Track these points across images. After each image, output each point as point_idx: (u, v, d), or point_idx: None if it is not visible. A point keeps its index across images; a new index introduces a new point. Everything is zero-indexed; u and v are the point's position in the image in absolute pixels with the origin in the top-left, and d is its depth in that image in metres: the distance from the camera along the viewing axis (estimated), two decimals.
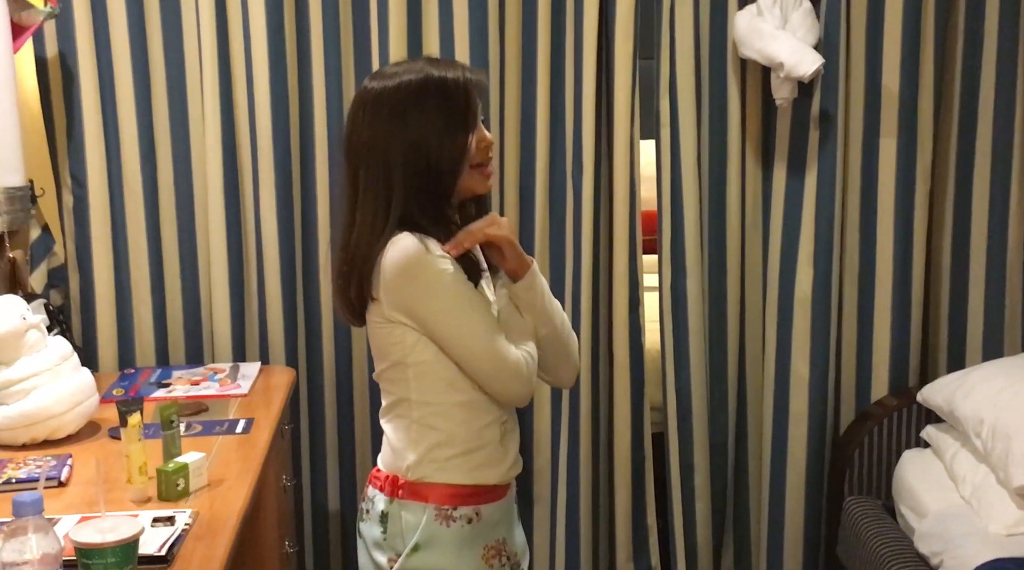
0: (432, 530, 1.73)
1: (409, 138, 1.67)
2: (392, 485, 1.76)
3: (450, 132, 1.68)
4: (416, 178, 1.68)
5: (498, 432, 1.78)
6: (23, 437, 2.18)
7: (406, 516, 1.74)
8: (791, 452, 3.00)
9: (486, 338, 1.69)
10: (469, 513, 1.75)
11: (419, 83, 1.69)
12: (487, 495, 1.77)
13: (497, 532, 1.80)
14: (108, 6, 2.76)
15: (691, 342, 2.98)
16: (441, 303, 1.68)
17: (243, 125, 2.84)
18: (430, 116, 1.67)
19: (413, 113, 1.67)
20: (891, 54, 2.87)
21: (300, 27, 2.84)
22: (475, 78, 1.73)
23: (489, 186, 1.77)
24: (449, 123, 1.68)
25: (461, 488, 1.74)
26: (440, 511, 1.73)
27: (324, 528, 3.07)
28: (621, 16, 2.82)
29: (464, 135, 1.69)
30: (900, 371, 2.99)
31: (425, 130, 1.67)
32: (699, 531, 3.07)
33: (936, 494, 2.58)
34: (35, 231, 2.74)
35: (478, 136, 1.72)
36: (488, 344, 1.69)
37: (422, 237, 1.67)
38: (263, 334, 2.92)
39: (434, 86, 1.68)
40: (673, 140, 2.92)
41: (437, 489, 1.73)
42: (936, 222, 3.01)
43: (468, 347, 1.69)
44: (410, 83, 1.69)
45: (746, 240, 3.04)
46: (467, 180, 1.73)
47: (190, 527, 1.76)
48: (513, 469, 1.82)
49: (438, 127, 1.68)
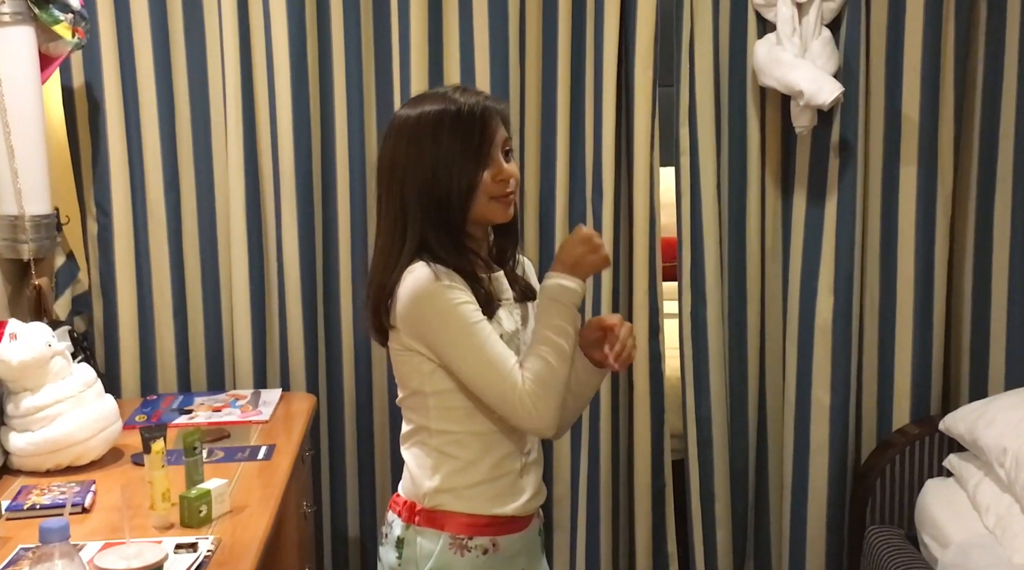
0: (446, 558, 1.72)
1: (423, 168, 1.68)
2: (409, 511, 1.76)
3: (461, 164, 1.67)
4: (430, 208, 1.68)
5: (518, 463, 1.77)
6: (47, 463, 2.19)
7: (422, 542, 1.74)
8: (812, 480, 2.98)
9: (493, 369, 1.66)
10: (485, 543, 1.74)
11: (436, 114, 1.69)
12: (505, 526, 1.75)
13: (516, 564, 1.79)
14: (134, 38, 2.79)
15: (711, 369, 2.98)
16: (450, 334, 1.67)
17: (265, 153, 2.86)
18: (442, 147, 1.67)
19: (427, 143, 1.68)
20: (911, 82, 2.87)
21: (323, 57, 2.86)
22: (495, 108, 1.72)
23: (509, 215, 1.75)
24: (461, 155, 1.68)
25: (478, 518, 1.74)
26: (455, 540, 1.73)
27: (344, 554, 3.07)
28: (641, 44, 2.84)
29: (475, 167, 1.68)
30: (922, 399, 2.97)
31: (437, 161, 1.67)
32: (720, 560, 3.05)
33: (959, 524, 2.56)
34: (60, 258, 2.77)
35: (495, 169, 1.70)
36: (495, 375, 1.66)
37: (437, 267, 1.67)
38: (284, 360, 2.93)
39: (449, 118, 1.68)
40: (693, 167, 2.93)
41: (453, 517, 1.73)
42: (957, 250, 3.00)
43: (476, 377, 1.68)
44: (428, 114, 1.69)
45: (766, 267, 3.03)
46: (484, 210, 1.71)
47: (212, 554, 1.77)
48: (534, 501, 1.81)
49: (449, 159, 1.67)
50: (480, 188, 1.69)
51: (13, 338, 2.19)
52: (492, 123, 1.70)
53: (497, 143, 1.71)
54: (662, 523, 3.05)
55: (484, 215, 1.72)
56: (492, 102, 1.73)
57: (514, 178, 1.73)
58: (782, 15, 2.76)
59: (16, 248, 2.52)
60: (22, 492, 2.07)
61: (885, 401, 3.01)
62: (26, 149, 2.50)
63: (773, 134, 2.96)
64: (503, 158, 1.72)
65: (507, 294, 1.80)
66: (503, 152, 1.72)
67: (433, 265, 1.67)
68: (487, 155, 1.69)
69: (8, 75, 2.46)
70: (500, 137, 1.72)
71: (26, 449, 2.18)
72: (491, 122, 1.70)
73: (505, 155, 1.73)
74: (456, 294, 1.66)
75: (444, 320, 1.66)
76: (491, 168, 1.70)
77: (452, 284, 1.67)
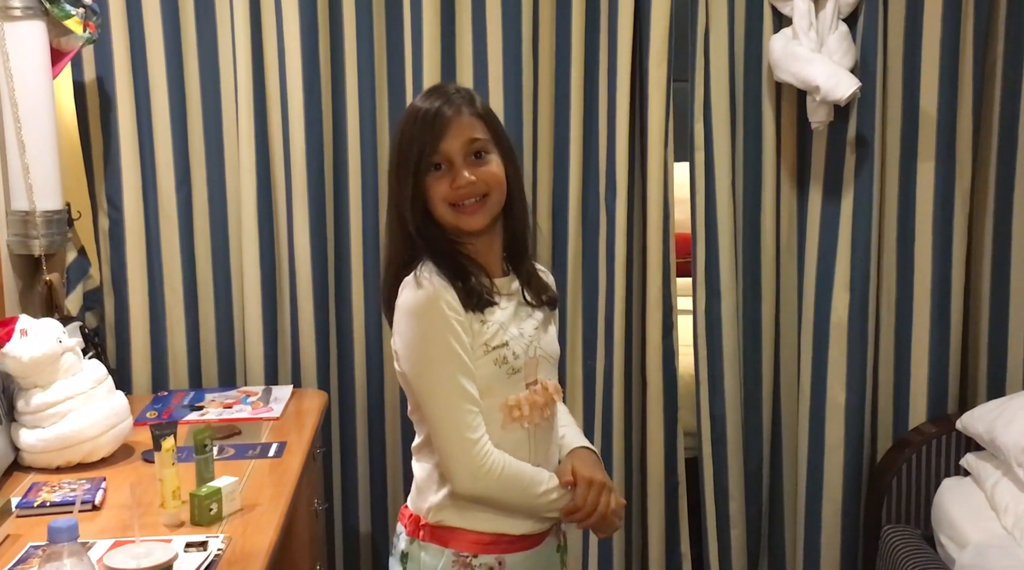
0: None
1: (390, 174, 1.68)
2: (414, 525, 1.73)
3: (404, 173, 1.64)
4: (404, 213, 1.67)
5: None
6: (58, 460, 2.18)
7: (425, 558, 1.70)
8: (827, 479, 2.96)
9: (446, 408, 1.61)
10: (491, 562, 1.69)
11: (401, 120, 1.67)
12: (514, 544, 1.70)
13: None
14: (146, 32, 2.78)
15: (725, 367, 2.96)
16: (419, 355, 1.62)
17: (277, 149, 2.85)
18: (396, 155, 1.66)
19: (393, 149, 1.67)
20: (929, 76, 2.84)
21: (335, 53, 2.85)
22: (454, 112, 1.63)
23: (475, 223, 1.66)
24: (404, 164, 1.64)
25: (482, 535, 1.69)
26: (459, 558, 1.68)
27: (355, 552, 3.06)
28: (655, 39, 2.81)
29: (412, 177, 1.62)
30: (939, 398, 2.94)
31: (394, 169, 1.66)
32: (734, 559, 3.03)
33: (977, 524, 2.53)
34: (71, 254, 2.76)
35: (451, 177, 1.63)
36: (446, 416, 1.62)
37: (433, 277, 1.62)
38: (295, 357, 2.92)
39: (405, 124, 1.65)
40: (707, 163, 2.90)
41: (457, 534, 1.69)
42: (975, 247, 2.97)
43: (431, 411, 1.63)
44: (400, 119, 1.68)
45: (781, 264, 3.01)
46: (448, 218, 1.65)
47: (223, 552, 1.76)
48: (543, 521, 1.74)
49: (398, 167, 1.65)
50: (436, 196, 1.64)
51: (24, 334, 2.18)
52: (440, 130, 1.62)
53: (450, 150, 1.63)
54: (675, 522, 3.03)
55: (450, 222, 1.66)
56: (450, 106, 1.63)
57: (477, 184, 1.63)
58: (798, 9, 2.74)
59: (27, 244, 2.52)
60: (32, 489, 2.06)
61: (901, 399, 2.98)
62: (37, 144, 2.50)
63: (789, 130, 2.94)
64: (468, 162, 1.64)
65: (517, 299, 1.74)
66: (470, 154, 1.64)
67: (432, 273, 1.62)
68: (435, 161, 1.63)
69: (19, 70, 2.46)
70: (458, 142, 1.63)
71: (36, 446, 2.17)
72: (439, 129, 1.62)
73: (476, 157, 1.65)
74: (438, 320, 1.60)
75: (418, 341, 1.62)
76: (442, 181, 1.63)
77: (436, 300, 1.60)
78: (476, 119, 1.65)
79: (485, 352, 1.65)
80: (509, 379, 1.68)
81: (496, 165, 1.66)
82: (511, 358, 1.67)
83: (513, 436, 1.70)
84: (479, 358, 1.65)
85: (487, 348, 1.65)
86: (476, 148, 1.65)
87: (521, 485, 1.66)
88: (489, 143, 1.66)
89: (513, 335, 1.69)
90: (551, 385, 1.76)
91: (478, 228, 1.66)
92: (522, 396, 1.70)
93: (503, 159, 1.68)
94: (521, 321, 1.73)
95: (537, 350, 1.73)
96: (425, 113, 1.63)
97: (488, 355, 1.66)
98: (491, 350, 1.66)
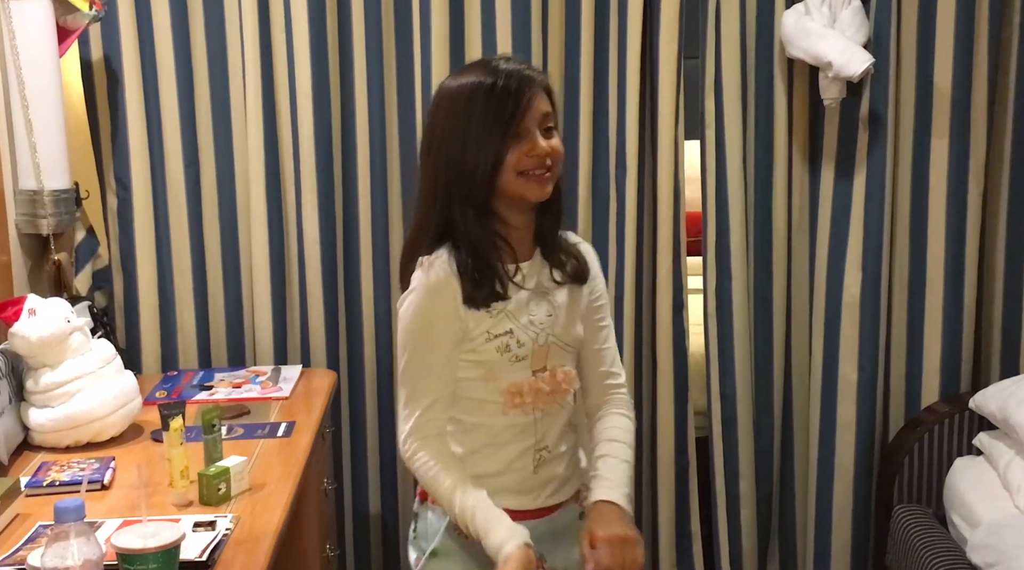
0: (450, 539, 1.71)
1: (455, 140, 1.62)
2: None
3: (489, 137, 1.61)
4: (458, 183, 1.63)
5: (530, 461, 1.72)
6: (67, 440, 2.19)
7: (430, 519, 1.74)
8: (839, 459, 2.94)
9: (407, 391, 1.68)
10: None
11: (472, 86, 1.62)
12: (516, 514, 1.67)
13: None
14: (152, 10, 2.77)
15: (736, 346, 2.94)
16: (403, 332, 1.68)
17: (285, 128, 2.84)
18: (474, 119, 1.61)
19: (461, 115, 1.62)
20: (943, 52, 2.80)
21: (343, 31, 2.83)
22: (535, 80, 1.63)
23: (544, 193, 1.65)
24: (490, 128, 1.61)
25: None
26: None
27: (365, 531, 3.06)
28: (666, 15, 2.78)
29: (503, 141, 1.61)
30: (951, 377, 2.92)
31: (467, 134, 1.61)
32: (744, 539, 3.02)
33: (990, 503, 2.52)
34: (80, 233, 2.76)
35: (529, 144, 1.62)
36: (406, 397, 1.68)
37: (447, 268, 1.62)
38: (304, 337, 2.92)
39: (484, 89, 1.61)
40: (718, 141, 2.88)
41: None
42: (989, 224, 2.94)
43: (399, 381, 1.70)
44: (466, 85, 1.63)
45: (792, 242, 2.99)
46: (514, 186, 1.63)
47: (231, 532, 1.76)
48: (557, 494, 1.75)
49: (479, 131, 1.61)
50: (508, 163, 1.61)
51: (32, 314, 2.18)
52: (527, 96, 1.62)
53: (533, 117, 1.62)
54: (685, 501, 3.02)
55: (515, 192, 1.64)
56: (534, 73, 1.64)
57: (552, 154, 1.64)
58: None
59: (35, 223, 2.51)
60: (42, 468, 2.06)
61: (914, 378, 2.96)
62: (44, 123, 2.49)
63: (800, 106, 2.91)
64: (541, 133, 1.63)
65: (537, 282, 1.71)
66: (543, 127, 1.64)
67: (443, 263, 1.63)
68: (519, 128, 1.61)
69: (26, 48, 2.45)
70: (538, 111, 1.63)
71: (46, 425, 2.18)
72: (526, 94, 1.62)
73: (546, 131, 1.65)
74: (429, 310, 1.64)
75: (404, 325, 1.67)
76: (524, 143, 1.62)
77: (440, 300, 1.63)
78: (545, 93, 1.66)
79: (487, 340, 1.66)
80: (513, 366, 1.67)
81: (558, 140, 1.68)
82: (515, 346, 1.67)
83: (517, 421, 1.70)
84: (481, 345, 1.65)
85: (489, 336, 1.66)
86: (548, 123, 1.66)
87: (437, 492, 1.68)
88: (554, 118, 1.68)
89: (521, 323, 1.67)
90: (562, 373, 1.73)
91: (543, 198, 1.66)
92: (525, 383, 1.68)
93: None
94: (535, 307, 1.70)
95: (549, 337, 1.70)
96: (506, 86, 1.61)
97: (490, 342, 1.66)
98: (493, 338, 1.66)
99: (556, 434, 1.74)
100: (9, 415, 2.17)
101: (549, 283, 1.73)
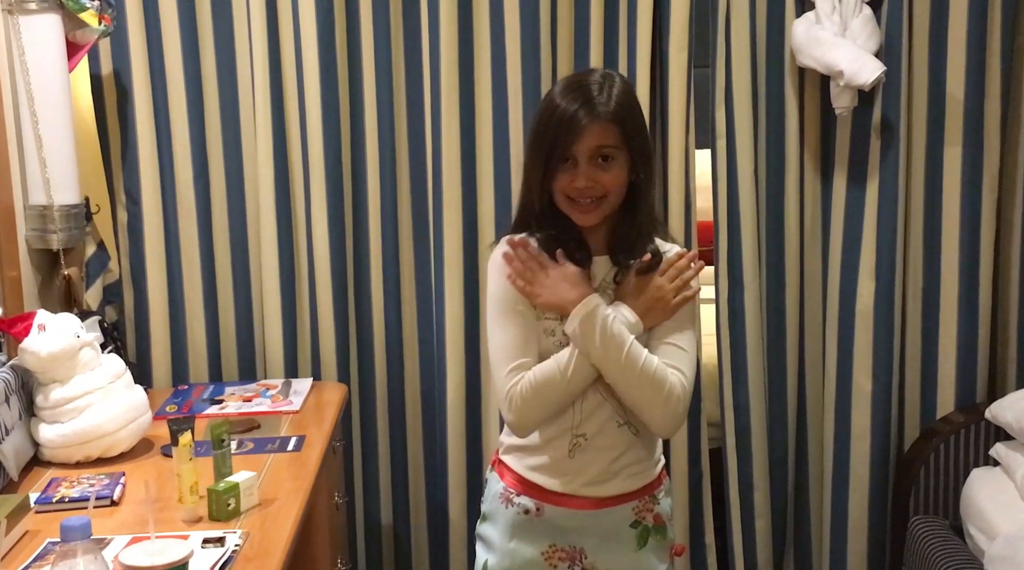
0: (496, 506, 1.89)
1: (527, 149, 1.82)
2: (495, 455, 1.94)
3: (533, 165, 1.77)
4: (525, 185, 1.83)
5: (566, 443, 1.81)
6: (77, 455, 2.18)
7: (491, 483, 1.92)
8: (854, 470, 2.92)
9: (495, 355, 1.80)
10: (528, 504, 1.84)
11: (539, 110, 1.79)
12: (550, 497, 1.83)
13: (570, 538, 1.84)
14: (162, 24, 2.77)
15: (749, 356, 2.92)
16: (487, 300, 1.84)
17: (295, 141, 2.84)
18: (529, 145, 1.80)
19: (532, 130, 1.80)
20: (956, 59, 2.78)
21: (351, 44, 2.83)
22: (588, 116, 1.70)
23: (587, 221, 1.78)
24: (534, 158, 1.77)
25: (519, 477, 1.86)
26: (506, 491, 1.87)
27: (377, 545, 3.05)
28: (676, 24, 2.77)
29: (541, 172, 1.75)
30: (967, 386, 2.90)
31: (528, 151, 1.80)
32: (759, 550, 3.00)
33: (1007, 515, 2.49)
34: (90, 248, 2.76)
35: (569, 177, 1.73)
36: (494, 362, 1.80)
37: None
38: (315, 350, 2.91)
39: (540, 119, 1.76)
40: (729, 150, 2.86)
41: (509, 471, 1.88)
42: (1004, 232, 2.91)
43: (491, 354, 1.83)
44: (542, 101, 1.80)
45: (805, 252, 2.97)
46: (565, 208, 1.78)
47: (240, 548, 1.75)
48: (588, 488, 1.82)
49: (529, 156, 1.79)
50: (557, 186, 1.76)
51: (42, 329, 2.17)
52: (573, 134, 1.71)
53: (579, 152, 1.72)
54: (700, 513, 3.00)
55: (565, 211, 1.79)
56: (589, 111, 1.71)
57: (594, 188, 1.74)
58: None
59: (45, 238, 2.52)
60: (52, 484, 2.06)
61: (929, 388, 2.94)
62: (54, 138, 2.49)
63: (812, 115, 2.89)
64: (591, 164, 1.73)
65: (602, 280, 1.81)
66: (595, 158, 1.73)
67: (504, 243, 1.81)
68: (559, 162, 1.74)
69: (35, 63, 2.45)
70: (590, 143, 1.72)
71: (55, 441, 2.17)
72: (572, 133, 1.71)
73: (600, 161, 1.73)
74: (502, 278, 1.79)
75: (489, 292, 1.83)
76: (569, 172, 1.74)
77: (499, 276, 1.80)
78: (611, 124, 1.73)
79: (537, 319, 1.80)
80: (555, 350, 1.79)
81: (619, 170, 1.75)
82: (559, 332, 1.78)
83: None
84: (537, 320, 1.80)
85: (539, 316, 1.80)
86: (603, 154, 1.74)
87: (551, 380, 1.75)
88: (617, 149, 1.74)
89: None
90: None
91: (588, 224, 1.80)
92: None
93: (631, 161, 1.76)
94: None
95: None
96: (563, 113, 1.72)
97: (540, 322, 1.80)
98: (542, 319, 1.80)
99: (596, 424, 1.81)
100: (19, 431, 2.17)
101: (612, 284, 1.82)
